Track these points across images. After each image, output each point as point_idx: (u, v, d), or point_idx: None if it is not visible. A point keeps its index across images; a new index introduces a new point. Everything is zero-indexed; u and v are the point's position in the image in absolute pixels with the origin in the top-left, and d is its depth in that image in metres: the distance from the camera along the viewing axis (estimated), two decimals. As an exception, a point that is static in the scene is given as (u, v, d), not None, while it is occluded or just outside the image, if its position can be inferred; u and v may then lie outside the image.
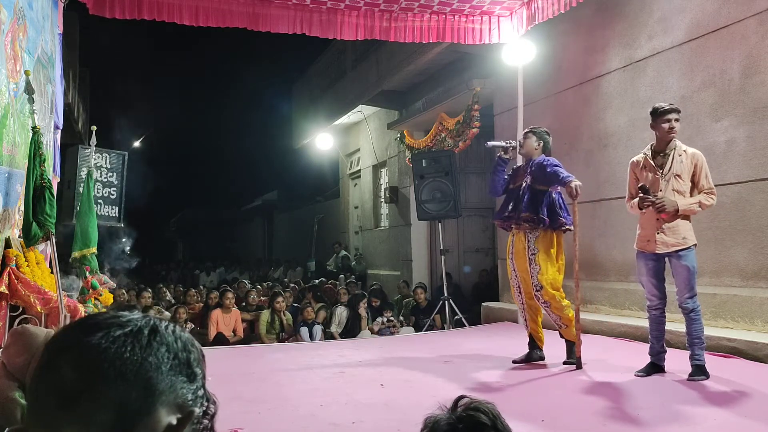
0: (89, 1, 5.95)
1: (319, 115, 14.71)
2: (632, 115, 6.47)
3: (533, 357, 5.00)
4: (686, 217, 4.26)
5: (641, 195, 4.28)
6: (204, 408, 0.81)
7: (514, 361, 5.03)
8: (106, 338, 0.75)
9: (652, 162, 4.36)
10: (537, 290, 4.83)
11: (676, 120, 4.27)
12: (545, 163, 4.82)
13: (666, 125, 4.27)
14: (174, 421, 0.75)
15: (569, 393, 4.10)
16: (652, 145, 4.43)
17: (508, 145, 5.11)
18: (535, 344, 5.03)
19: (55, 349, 0.77)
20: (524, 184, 4.92)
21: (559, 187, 4.86)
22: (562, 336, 4.98)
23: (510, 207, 4.97)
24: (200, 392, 0.81)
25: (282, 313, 8.04)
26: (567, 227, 4.80)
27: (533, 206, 4.80)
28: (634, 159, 4.53)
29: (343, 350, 6.05)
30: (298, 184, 23.30)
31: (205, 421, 0.80)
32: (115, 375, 0.73)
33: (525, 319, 5.11)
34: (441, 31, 7.13)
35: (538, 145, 4.99)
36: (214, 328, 7.58)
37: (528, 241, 4.86)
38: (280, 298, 8.12)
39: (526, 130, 5.13)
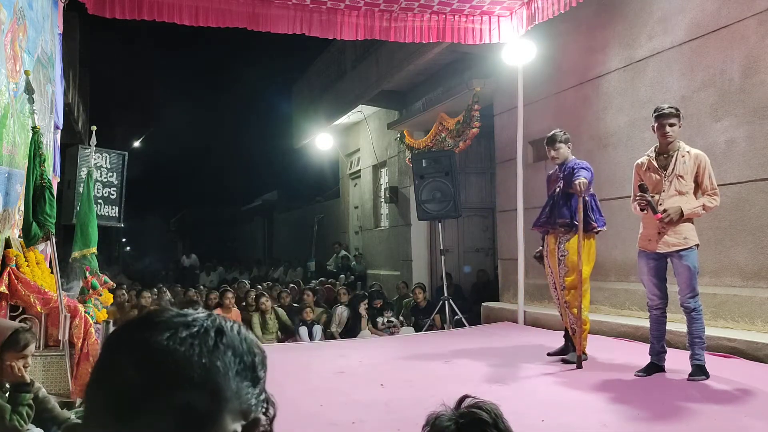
0: (89, 1, 5.94)
1: (319, 115, 14.71)
2: (632, 115, 6.46)
3: (568, 349, 5.08)
4: (688, 218, 4.27)
5: (639, 194, 4.29)
6: (264, 410, 0.76)
7: (548, 354, 5.17)
8: (173, 339, 0.69)
9: (655, 163, 4.37)
10: (561, 289, 5.02)
11: (671, 125, 4.26)
12: (575, 166, 4.94)
13: (660, 130, 4.31)
14: (239, 429, 0.71)
15: (569, 393, 4.10)
16: (656, 147, 4.43)
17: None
18: (569, 337, 5.12)
19: (117, 349, 0.72)
20: (557, 190, 5.04)
21: (591, 189, 4.95)
22: (570, 339, 5.03)
23: (546, 212, 5.12)
24: (262, 396, 0.75)
25: (273, 311, 8.02)
26: (598, 229, 4.96)
27: (566, 210, 4.93)
28: (639, 161, 4.54)
29: (343, 350, 6.04)
30: (298, 184, 23.30)
31: (265, 424, 0.75)
32: (184, 380, 0.68)
33: (561, 315, 5.24)
34: (441, 31, 7.13)
35: (568, 148, 5.13)
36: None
37: (559, 243, 5.03)
38: (264, 299, 8.11)
39: (549, 141, 5.12)
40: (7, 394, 2.94)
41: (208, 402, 0.69)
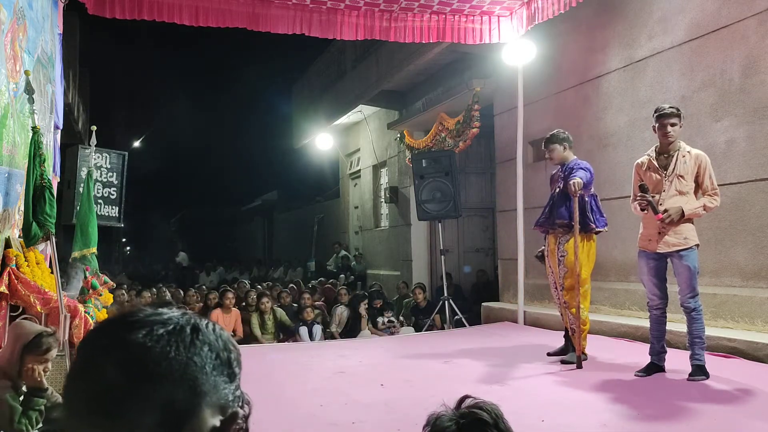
0: (89, 1, 5.94)
1: (319, 115, 14.71)
2: (632, 115, 6.46)
3: (568, 349, 5.09)
4: (688, 218, 4.27)
5: (639, 194, 4.29)
6: (240, 407, 0.78)
7: (548, 354, 5.17)
8: (150, 337, 0.71)
9: (655, 163, 4.37)
10: (561, 289, 5.03)
11: (672, 125, 4.26)
12: (575, 167, 4.93)
13: (661, 130, 4.30)
14: (217, 423, 0.72)
15: (569, 393, 4.10)
16: (656, 147, 4.43)
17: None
18: (569, 338, 5.12)
19: (95, 349, 0.72)
20: (558, 190, 5.04)
21: (592, 189, 4.95)
22: (570, 339, 5.03)
23: (546, 212, 5.12)
24: (238, 392, 0.78)
25: (272, 312, 8.02)
26: (597, 230, 4.96)
27: (565, 210, 4.93)
28: (639, 161, 4.54)
29: (343, 350, 6.04)
30: (298, 184, 23.30)
31: (241, 422, 0.77)
32: (162, 376, 0.69)
33: (561, 314, 5.24)
34: (441, 31, 7.13)
35: (564, 149, 5.10)
36: (214, 328, 7.57)
37: (558, 243, 5.04)
38: (265, 299, 8.11)
39: (545, 142, 5.17)
40: (21, 397, 2.94)
41: (188, 397, 0.70)
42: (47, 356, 3.01)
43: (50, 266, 4.62)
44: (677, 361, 4.43)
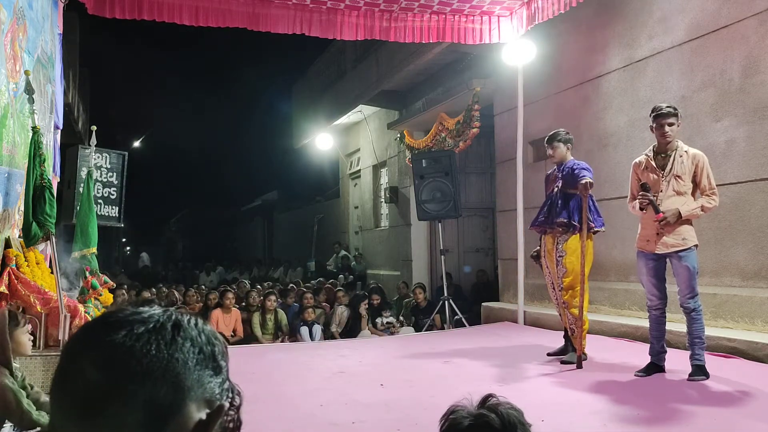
0: (89, 1, 5.95)
1: (319, 115, 14.71)
2: (632, 115, 6.46)
3: (567, 349, 5.08)
4: (687, 219, 4.26)
5: (641, 193, 4.27)
6: (230, 400, 0.78)
7: (548, 354, 5.17)
8: (130, 336, 0.72)
9: (653, 163, 4.36)
10: (559, 290, 5.03)
11: (670, 125, 4.25)
12: (575, 167, 4.92)
13: (659, 130, 4.29)
14: (204, 417, 0.73)
15: (569, 393, 4.10)
16: (654, 146, 4.42)
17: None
18: (569, 338, 5.12)
19: (77, 351, 0.74)
20: (556, 189, 5.03)
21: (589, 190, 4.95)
22: (570, 339, 5.03)
23: (545, 211, 5.11)
24: (226, 385, 0.79)
25: (274, 312, 8.02)
26: (596, 230, 4.97)
27: (565, 211, 4.92)
28: (636, 160, 4.53)
29: (343, 350, 6.05)
30: (298, 184, 23.29)
31: (232, 413, 0.78)
32: (143, 374, 0.70)
33: (560, 315, 5.25)
34: (441, 31, 7.13)
35: (567, 148, 5.12)
36: (214, 328, 7.55)
37: (557, 243, 5.02)
38: (273, 297, 8.11)
39: (549, 139, 5.17)
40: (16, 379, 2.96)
41: (170, 393, 0.71)
42: (27, 326, 3.16)
43: (50, 266, 4.62)
44: (677, 361, 4.43)
